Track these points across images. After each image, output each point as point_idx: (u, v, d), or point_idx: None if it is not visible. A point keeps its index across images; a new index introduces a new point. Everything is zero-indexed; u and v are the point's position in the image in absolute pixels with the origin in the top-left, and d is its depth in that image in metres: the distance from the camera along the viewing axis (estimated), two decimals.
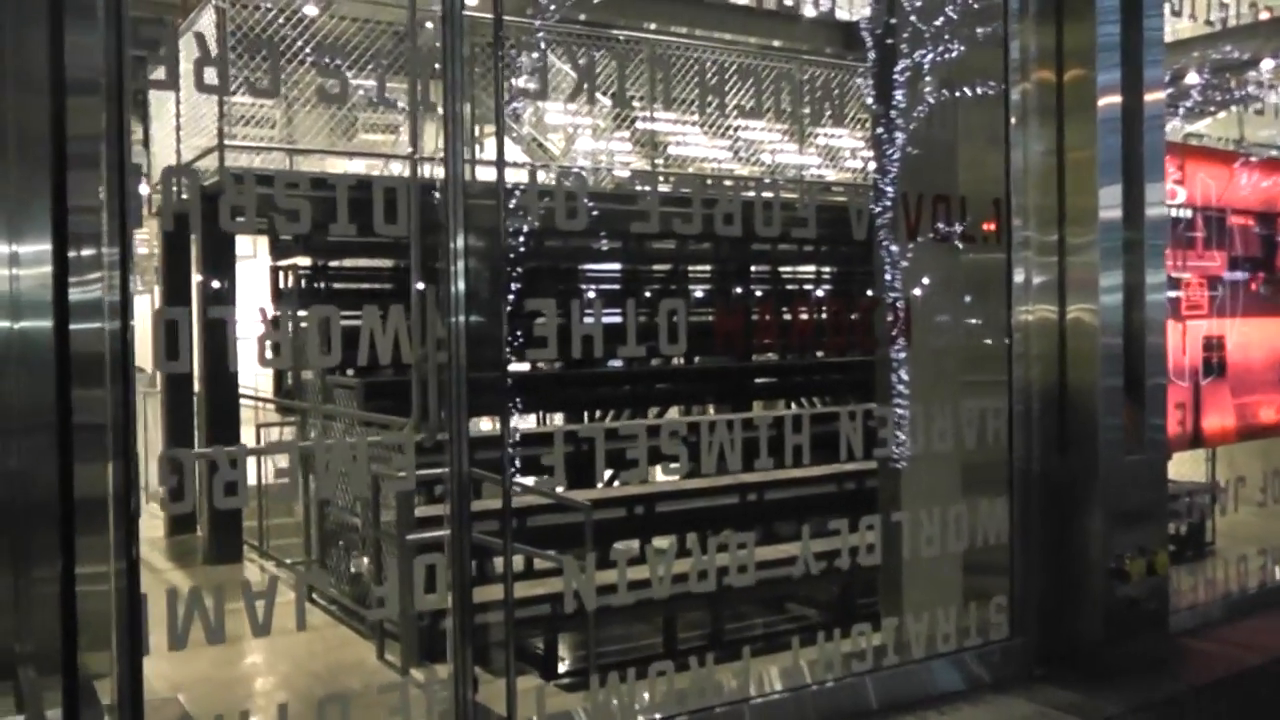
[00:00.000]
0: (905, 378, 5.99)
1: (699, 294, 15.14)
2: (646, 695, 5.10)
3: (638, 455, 5.07)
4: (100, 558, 3.74)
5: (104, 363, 3.67)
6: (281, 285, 11.74)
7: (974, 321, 6.27)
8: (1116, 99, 6.07)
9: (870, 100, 6.19)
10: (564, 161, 13.49)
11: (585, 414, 13.62)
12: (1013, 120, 6.14)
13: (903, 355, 5.93)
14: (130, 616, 3.79)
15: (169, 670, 5.85)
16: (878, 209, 5.87)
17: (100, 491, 3.71)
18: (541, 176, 5.34)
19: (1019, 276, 6.14)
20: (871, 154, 6.41)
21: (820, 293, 16.13)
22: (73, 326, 3.60)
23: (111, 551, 3.76)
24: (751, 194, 5.25)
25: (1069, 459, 6.12)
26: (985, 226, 6.07)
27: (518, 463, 6.83)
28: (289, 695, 7.06)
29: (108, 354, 3.68)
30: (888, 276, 5.93)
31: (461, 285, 4.69)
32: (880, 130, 6.12)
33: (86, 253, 3.66)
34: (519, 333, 4.84)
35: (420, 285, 6.04)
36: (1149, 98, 6.15)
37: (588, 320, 4.79)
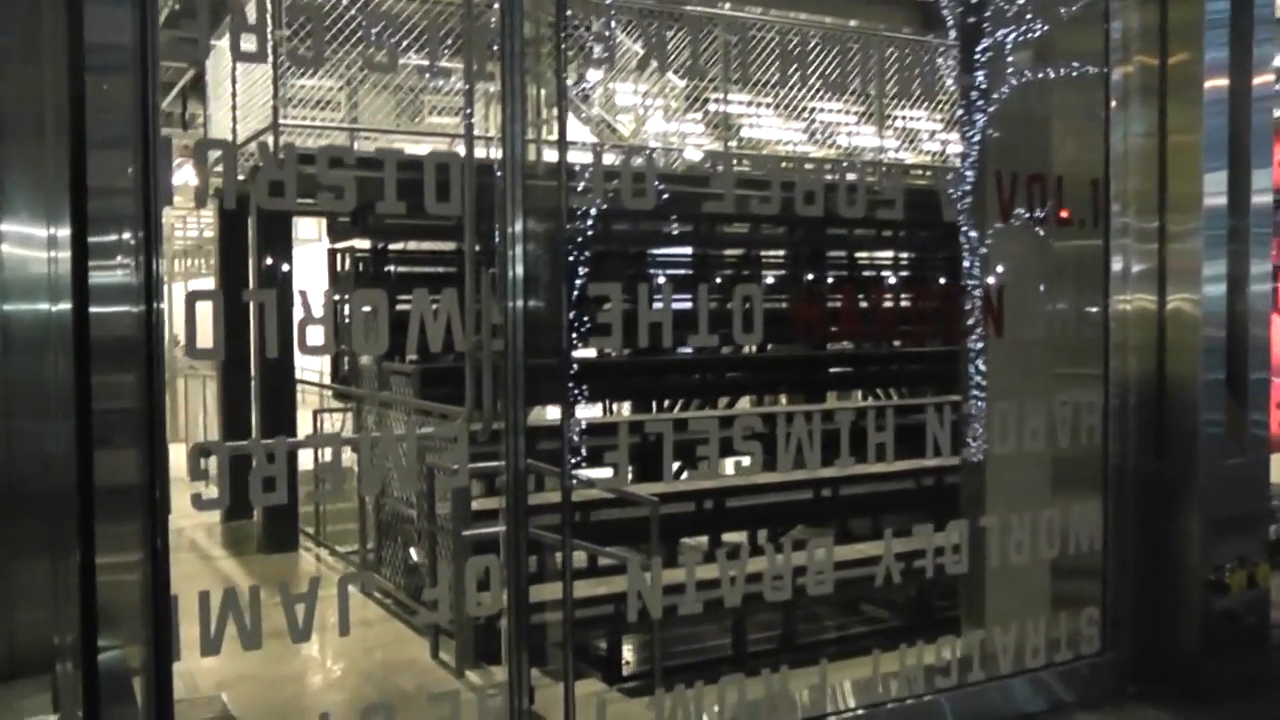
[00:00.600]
0: (994, 370, 5.70)
1: (771, 280, 14.78)
2: (715, 707, 4.86)
3: (708, 449, 4.81)
4: (124, 549, 3.55)
5: (128, 347, 3.48)
6: (339, 269, 11.53)
7: (1068, 310, 5.90)
8: (1224, 80, 5.73)
9: (957, 78, 5.91)
10: (634, 142, 13.26)
11: (652, 404, 13.38)
12: (1113, 103, 5.82)
13: (991, 346, 5.63)
14: (157, 611, 3.61)
15: (215, 665, 5.67)
16: (958, 192, 5.56)
17: (123, 480, 3.52)
18: (609, 158, 5.08)
19: (1117, 265, 5.82)
20: (957, 134, 6.11)
21: (897, 280, 15.70)
22: (94, 310, 3.40)
23: (137, 542, 3.58)
24: (830, 176, 4.99)
25: (1167, 459, 5.80)
26: (1081, 210, 5.77)
27: (583, 451, 6.62)
28: (337, 697, 6.87)
29: (133, 338, 3.49)
30: (976, 261, 5.63)
31: (520, 269, 4.47)
32: (969, 108, 5.84)
33: (109, 234, 3.46)
34: (583, 318, 4.62)
35: (476, 269, 5.79)
36: (1258, 79, 5.80)
37: (655, 306, 4.53)
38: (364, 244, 11.52)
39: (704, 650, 8.96)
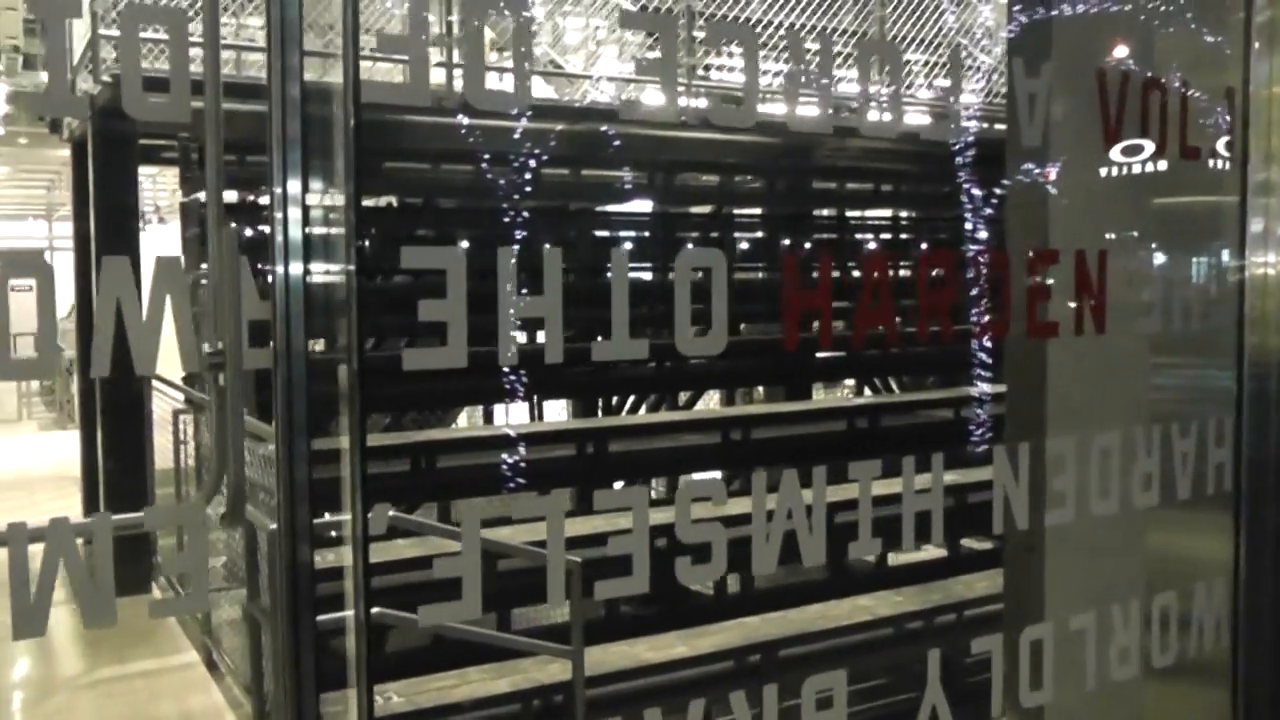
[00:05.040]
0: (1076, 382, 4.07)
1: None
2: None
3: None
4: None
5: None
6: (190, 232, 9.73)
7: (1189, 294, 4.35)
8: None
9: None
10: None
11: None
12: (1256, 45, 4.33)
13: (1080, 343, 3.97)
14: None
15: None
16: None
17: None
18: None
19: (1256, 225, 4.26)
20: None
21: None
22: None
23: None
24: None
25: None
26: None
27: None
28: None
29: None
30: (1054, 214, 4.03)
31: (296, 232, 2.88)
32: None
33: None
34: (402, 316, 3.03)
35: (216, 230, 3.84)
36: None
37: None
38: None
39: None
